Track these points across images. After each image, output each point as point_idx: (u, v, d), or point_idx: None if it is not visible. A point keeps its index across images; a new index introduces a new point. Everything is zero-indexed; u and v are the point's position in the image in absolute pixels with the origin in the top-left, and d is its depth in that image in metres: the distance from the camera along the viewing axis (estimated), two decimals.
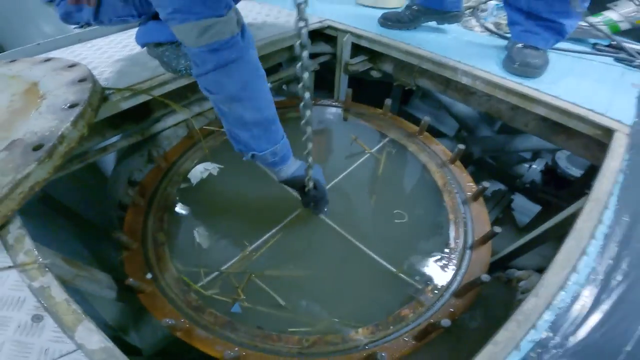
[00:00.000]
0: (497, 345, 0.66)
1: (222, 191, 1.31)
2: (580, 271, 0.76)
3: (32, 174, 0.83)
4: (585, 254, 0.79)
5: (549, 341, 0.67)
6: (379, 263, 1.11)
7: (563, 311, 0.70)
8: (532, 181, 2.19)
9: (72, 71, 1.19)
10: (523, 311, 0.71)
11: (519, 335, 0.67)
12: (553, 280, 0.75)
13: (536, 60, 1.39)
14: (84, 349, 0.66)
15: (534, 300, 0.72)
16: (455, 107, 2.32)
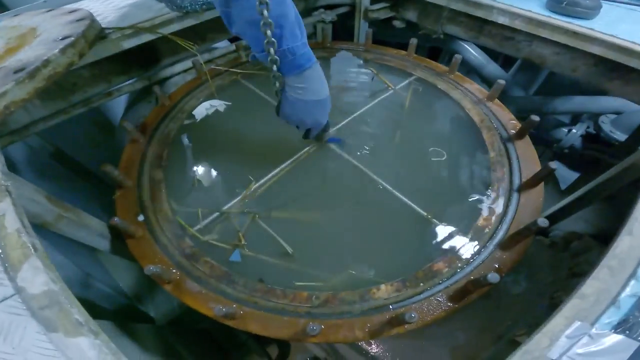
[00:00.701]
0: (585, 300, 0.44)
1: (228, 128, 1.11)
2: None
3: (9, 92, 0.69)
4: None
5: None
6: (406, 205, 0.88)
7: None
8: (572, 146, 1.90)
9: (73, 14, 1.06)
10: (616, 254, 0.47)
11: (616, 287, 0.44)
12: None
13: (587, 1, 1.12)
14: (23, 294, 0.48)
15: (628, 239, 0.48)
16: (485, 69, 2.03)
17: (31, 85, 0.74)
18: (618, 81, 1.14)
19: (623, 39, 1.03)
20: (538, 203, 0.81)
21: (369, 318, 0.70)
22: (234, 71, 1.26)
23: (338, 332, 0.68)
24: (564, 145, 1.80)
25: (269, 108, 1.11)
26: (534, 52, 1.27)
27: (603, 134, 1.80)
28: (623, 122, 1.78)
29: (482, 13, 1.25)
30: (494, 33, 1.33)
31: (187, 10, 1.13)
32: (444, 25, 1.44)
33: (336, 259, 0.79)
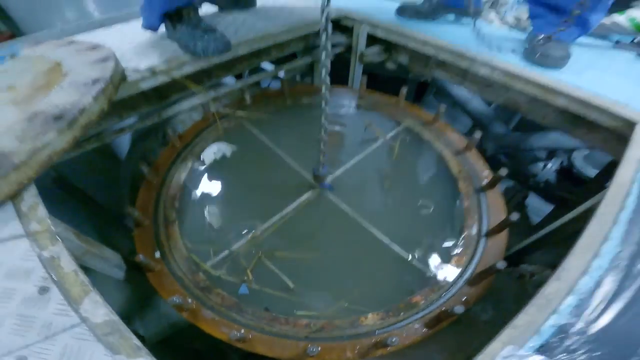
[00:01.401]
0: (516, 329, 0.63)
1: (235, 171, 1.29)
2: (604, 256, 0.72)
3: (51, 143, 0.83)
4: (608, 239, 0.74)
5: (571, 327, 0.62)
6: (391, 248, 1.07)
7: (586, 296, 0.66)
8: (547, 180, 2.13)
9: (95, 52, 1.21)
10: (544, 295, 0.66)
11: (540, 319, 0.64)
12: (575, 264, 0.71)
13: (558, 51, 1.35)
14: (87, 323, 0.64)
15: (556, 284, 0.68)
16: (470, 104, 2.26)
17: (70, 134, 0.89)
18: (583, 129, 1.35)
19: (586, 90, 1.24)
20: (502, 246, 1.01)
21: (358, 341, 0.87)
22: (239, 114, 1.44)
23: (332, 353, 0.86)
24: (539, 180, 2.02)
25: (270, 153, 1.30)
26: (511, 99, 1.49)
27: (575, 169, 2.03)
28: (594, 158, 2.01)
29: (466, 64, 1.46)
30: (476, 80, 1.55)
31: (199, 56, 1.31)
32: (432, 70, 1.66)
33: (331, 292, 0.97)
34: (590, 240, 0.75)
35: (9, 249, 0.72)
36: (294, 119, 1.51)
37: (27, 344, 0.61)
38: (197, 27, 1.31)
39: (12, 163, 0.78)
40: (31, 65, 1.24)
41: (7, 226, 0.76)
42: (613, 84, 1.30)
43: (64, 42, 1.37)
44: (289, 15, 1.69)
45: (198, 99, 1.45)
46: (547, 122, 1.43)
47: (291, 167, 1.29)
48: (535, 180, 2.16)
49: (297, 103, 1.55)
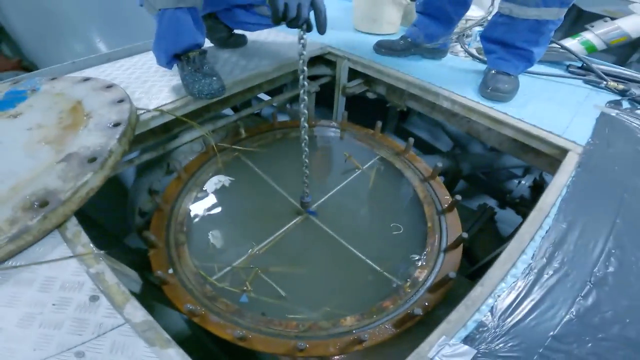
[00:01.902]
0: (449, 324, 0.88)
1: (233, 200, 1.55)
2: (519, 266, 0.98)
3: (89, 181, 1.07)
4: (524, 253, 1.01)
5: (488, 322, 0.88)
6: (365, 262, 1.33)
7: (501, 299, 0.92)
8: (522, 196, 2.38)
9: (111, 92, 1.45)
10: (471, 297, 0.92)
11: (466, 316, 0.89)
12: (496, 273, 0.97)
13: (506, 85, 1.62)
14: (130, 323, 0.87)
15: (480, 289, 0.94)
16: (448, 126, 2.55)
17: (102, 174, 1.13)
18: (531, 154, 1.63)
19: (528, 122, 1.51)
20: (457, 259, 1.27)
21: (339, 339, 1.12)
22: (236, 148, 1.71)
23: (318, 349, 1.10)
24: (515, 196, 2.28)
25: (263, 183, 1.59)
26: (472, 128, 1.77)
27: (546, 184, 2.30)
28: None
29: (431, 98, 1.74)
30: (443, 110, 1.82)
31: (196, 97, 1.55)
32: (405, 101, 1.94)
33: (316, 299, 1.23)
34: (510, 254, 1.01)
35: (62, 267, 0.96)
36: (283, 151, 1.78)
37: (84, 341, 0.85)
38: (199, 70, 1.54)
39: (59, 200, 1.02)
40: (54, 103, 1.46)
41: (57, 249, 0.99)
42: (554, 113, 1.57)
43: (80, 79, 1.59)
44: (277, 54, 1.96)
45: (198, 132, 1.70)
46: (503, 148, 1.71)
47: (281, 195, 1.55)
48: (511, 196, 2.42)
49: (286, 137, 1.83)
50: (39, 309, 0.89)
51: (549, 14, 1.50)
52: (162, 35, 1.47)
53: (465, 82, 1.79)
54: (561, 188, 1.20)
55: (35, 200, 1.02)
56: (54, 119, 1.38)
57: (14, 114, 1.44)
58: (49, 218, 1.01)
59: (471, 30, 2.24)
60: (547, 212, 1.12)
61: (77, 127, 1.31)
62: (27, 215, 0.99)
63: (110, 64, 1.89)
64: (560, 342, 0.85)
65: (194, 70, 1.54)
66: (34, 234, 1.00)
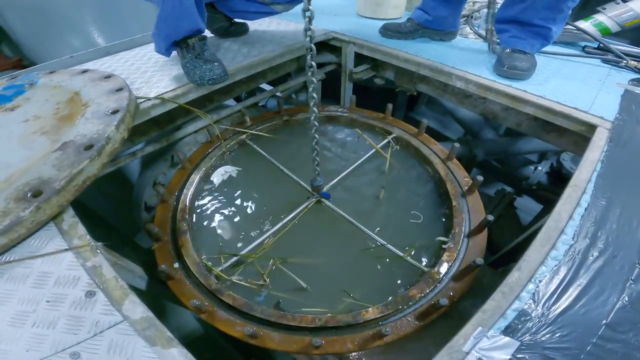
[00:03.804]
0: (485, 313, 0.77)
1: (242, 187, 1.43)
2: (559, 248, 0.86)
3: (85, 169, 0.98)
4: (563, 233, 0.89)
5: (531, 311, 0.76)
6: (385, 247, 1.21)
7: (544, 284, 0.80)
8: (538, 182, 2.26)
9: (109, 82, 1.35)
10: (507, 283, 0.81)
11: (505, 304, 0.77)
12: (534, 256, 0.85)
13: (523, 63, 1.51)
14: (129, 320, 0.77)
15: (517, 274, 0.82)
16: (459, 112, 2.43)
17: (99, 162, 1.04)
18: (554, 133, 1.51)
19: (550, 99, 1.39)
20: (482, 245, 1.15)
21: (358, 334, 1.00)
22: (243, 130, 1.59)
23: (335, 345, 0.99)
24: (531, 182, 2.16)
25: (271, 168, 1.46)
26: (488, 109, 1.65)
27: (565, 170, 2.18)
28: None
29: (444, 78, 1.63)
30: (455, 92, 1.71)
31: (198, 84, 1.46)
32: (416, 85, 1.82)
33: (333, 289, 1.11)
34: (547, 234, 0.89)
35: (57, 261, 0.86)
36: (291, 135, 1.66)
37: (79, 341, 0.75)
38: (199, 56, 1.46)
39: (53, 189, 0.92)
40: (51, 95, 1.38)
41: (52, 242, 0.90)
42: (576, 90, 1.45)
43: (78, 71, 1.51)
44: (281, 40, 1.85)
45: (202, 122, 1.60)
46: (522, 129, 1.58)
47: (291, 179, 1.43)
48: (527, 182, 2.30)
49: (293, 121, 1.70)
50: (33, 306, 0.80)
51: None
52: (164, 19, 1.38)
53: (478, 62, 1.67)
54: (595, 163, 1.08)
55: (29, 190, 0.93)
56: (50, 110, 1.29)
57: (10, 107, 1.36)
58: (43, 208, 0.91)
59: (479, 12, 2.13)
60: (583, 188, 1.00)
61: (74, 117, 1.22)
62: (19, 206, 0.90)
63: (110, 57, 1.81)
64: (615, 331, 0.74)
65: (194, 57, 1.47)
66: (28, 226, 0.90)
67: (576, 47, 1.91)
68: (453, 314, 1.06)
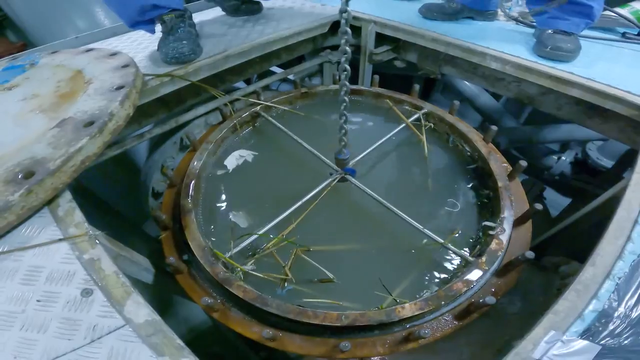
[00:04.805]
0: (557, 315, 0.63)
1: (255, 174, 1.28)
2: (636, 241, 0.72)
3: (84, 148, 0.85)
4: (638, 223, 0.74)
5: (613, 311, 0.62)
6: (424, 233, 1.03)
7: (623, 281, 0.66)
8: (562, 173, 2.12)
9: (115, 59, 1.24)
10: (581, 281, 0.66)
11: (581, 305, 0.63)
12: (609, 249, 0.71)
13: (569, 44, 1.37)
14: (131, 324, 0.64)
15: (592, 269, 0.68)
16: (479, 100, 2.27)
17: (101, 140, 0.90)
18: (597, 119, 1.36)
19: (599, 81, 1.25)
20: (527, 237, 1.00)
21: (390, 334, 0.87)
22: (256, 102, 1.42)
23: (364, 349, 0.85)
24: (554, 173, 2.01)
25: (290, 143, 1.30)
26: (523, 92, 1.49)
27: (590, 160, 2.02)
28: (609, 149, 2.00)
29: (476, 59, 1.47)
30: (486, 75, 1.55)
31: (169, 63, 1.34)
32: (441, 67, 1.67)
33: (363, 281, 0.97)
34: (620, 225, 0.75)
35: (50, 253, 0.73)
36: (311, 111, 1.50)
37: (74, 348, 0.62)
38: (170, 32, 1.35)
39: (47, 169, 0.79)
40: (52, 74, 1.26)
41: (45, 231, 0.77)
42: (625, 74, 1.30)
43: (82, 50, 1.39)
44: (296, 19, 1.70)
45: (213, 103, 1.46)
46: (561, 113, 1.43)
47: (312, 154, 1.26)
48: (550, 173, 2.14)
49: (312, 93, 1.55)
50: (21, 306, 0.68)
51: None
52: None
53: (512, 42, 1.51)
54: None
55: (19, 172, 0.80)
56: (51, 88, 1.17)
57: (8, 86, 1.24)
58: (35, 192, 0.78)
59: None
60: None
61: (76, 94, 1.10)
62: (8, 189, 0.77)
63: (117, 38, 1.68)
64: None
65: (166, 33, 1.37)
66: (17, 212, 0.77)
67: (615, 33, 1.76)
68: (489, 311, 0.91)
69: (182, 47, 1.31)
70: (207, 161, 1.23)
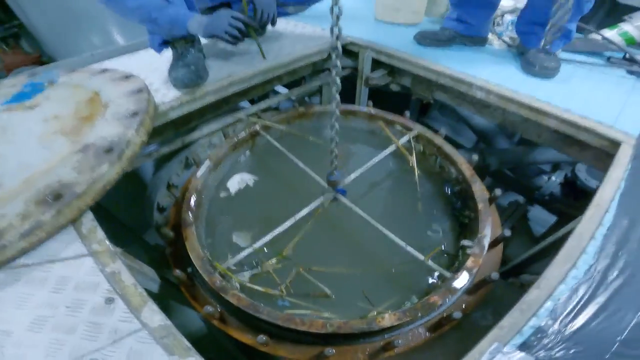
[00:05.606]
0: (502, 330, 0.77)
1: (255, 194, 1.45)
2: (580, 267, 0.87)
3: (105, 174, 1.00)
4: (584, 253, 0.89)
5: (548, 328, 0.77)
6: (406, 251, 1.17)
7: (562, 302, 0.81)
8: (551, 193, 2.24)
9: (129, 82, 1.38)
10: (526, 301, 0.81)
11: (522, 321, 0.78)
12: (554, 274, 0.85)
13: (552, 63, 1.60)
14: (147, 328, 0.79)
15: (537, 292, 0.83)
16: (473, 120, 2.42)
17: (119, 166, 1.06)
18: (575, 147, 1.49)
19: (575, 112, 1.38)
20: (497, 259, 1.15)
21: (369, 344, 1.01)
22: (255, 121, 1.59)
23: (346, 355, 1.00)
24: (544, 193, 2.14)
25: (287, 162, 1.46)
26: (507, 119, 1.64)
27: (579, 181, 2.15)
28: (597, 171, 2.13)
29: (464, 88, 1.62)
30: (474, 102, 1.71)
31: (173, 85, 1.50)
32: (433, 93, 1.82)
33: (348, 293, 1.12)
34: (568, 253, 0.90)
35: (76, 265, 0.88)
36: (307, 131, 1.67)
37: (98, 348, 0.77)
38: (180, 58, 1.51)
39: (74, 193, 0.95)
40: (71, 94, 1.40)
41: (71, 246, 0.92)
42: (602, 103, 1.44)
43: (98, 71, 1.54)
44: (297, 44, 1.86)
45: (217, 123, 1.62)
46: (542, 140, 1.58)
47: (307, 174, 1.41)
48: (540, 192, 2.28)
49: (309, 113, 1.72)
50: (51, 311, 0.82)
51: None
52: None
53: (500, 70, 1.68)
54: (618, 182, 1.08)
55: (49, 194, 0.96)
56: (70, 110, 1.31)
57: (30, 105, 1.38)
58: (63, 212, 0.94)
59: (502, 18, 2.13)
60: (606, 208, 1.00)
61: (94, 118, 1.24)
62: (40, 209, 0.93)
63: (129, 56, 1.84)
64: (628, 347, 0.75)
65: (175, 59, 1.52)
66: (48, 229, 0.92)
67: (602, 56, 1.90)
68: (463, 324, 1.06)
69: (190, 72, 1.45)
70: (208, 178, 1.38)
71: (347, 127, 1.70)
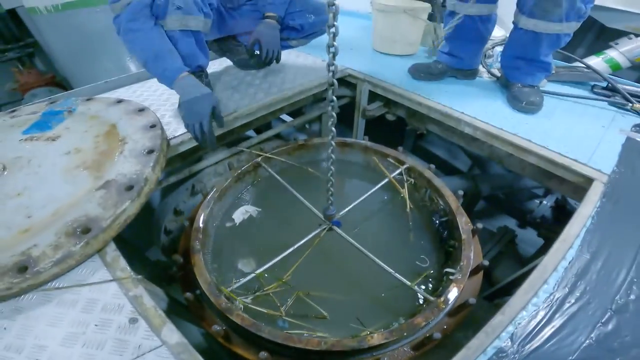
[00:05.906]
0: (469, 350, 0.94)
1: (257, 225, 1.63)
2: (540, 296, 1.04)
3: (127, 209, 1.18)
4: (546, 283, 1.06)
5: (508, 349, 0.94)
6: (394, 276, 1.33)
7: (522, 326, 0.98)
8: (542, 216, 2.41)
9: (143, 116, 1.57)
10: (491, 325, 0.98)
11: (486, 342, 0.95)
12: (517, 302, 1.03)
13: (537, 98, 1.79)
14: (167, 345, 0.96)
15: (501, 317, 1.00)
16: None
17: (138, 202, 1.24)
18: (555, 180, 1.67)
19: (552, 150, 1.55)
20: (477, 285, 1.32)
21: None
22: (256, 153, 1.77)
23: None
24: (535, 216, 2.32)
25: (287, 194, 1.64)
26: (494, 153, 1.83)
27: (569, 205, 2.33)
28: None
29: (453, 123, 1.81)
30: (463, 135, 1.89)
31: None
32: (426, 124, 2.02)
33: (342, 316, 1.29)
34: (532, 283, 1.07)
35: (103, 289, 1.06)
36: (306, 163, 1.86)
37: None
38: None
39: (100, 227, 1.13)
40: (89, 126, 1.58)
41: (98, 273, 1.10)
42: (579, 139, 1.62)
43: (114, 101, 1.73)
44: (300, 75, 2.07)
45: (222, 154, 1.81)
46: (526, 173, 1.76)
47: (306, 207, 1.58)
48: (532, 216, 2.45)
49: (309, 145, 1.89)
50: (82, 328, 0.99)
51: (569, 28, 1.69)
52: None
53: (488, 104, 1.87)
54: (586, 219, 1.25)
55: (78, 227, 1.13)
56: (90, 144, 1.48)
57: (52, 136, 1.55)
58: (91, 244, 1.11)
59: (492, 50, 2.33)
60: (570, 244, 1.17)
61: (113, 153, 1.42)
62: (70, 241, 1.10)
63: (140, 84, 2.05)
64: None
65: None
66: (77, 258, 1.10)
67: (587, 85, 2.08)
68: (447, 344, 1.22)
69: None
70: (213, 208, 1.56)
71: (343, 160, 1.90)
